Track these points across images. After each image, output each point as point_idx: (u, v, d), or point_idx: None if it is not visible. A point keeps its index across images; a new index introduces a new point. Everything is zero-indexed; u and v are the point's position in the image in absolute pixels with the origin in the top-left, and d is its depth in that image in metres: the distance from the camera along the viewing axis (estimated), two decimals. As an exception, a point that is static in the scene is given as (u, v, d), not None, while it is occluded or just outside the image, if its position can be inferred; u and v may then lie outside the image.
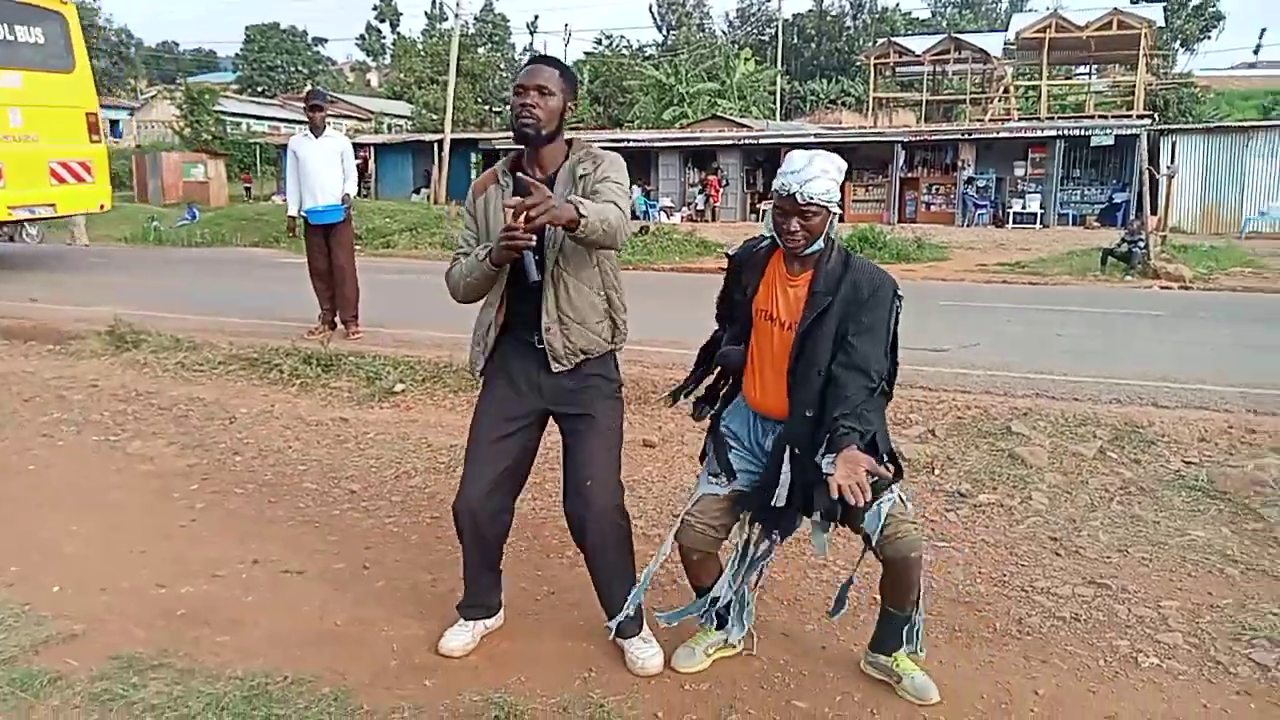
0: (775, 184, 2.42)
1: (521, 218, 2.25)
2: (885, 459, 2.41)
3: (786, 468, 2.46)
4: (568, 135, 2.61)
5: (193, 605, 3.10)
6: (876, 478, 2.28)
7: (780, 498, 2.45)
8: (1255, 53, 53.68)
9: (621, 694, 2.58)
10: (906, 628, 2.60)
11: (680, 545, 2.65)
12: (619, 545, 2.72)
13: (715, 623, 2.77)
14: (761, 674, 2.71)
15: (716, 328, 2.78)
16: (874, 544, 2.42)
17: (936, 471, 4.42)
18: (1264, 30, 63.39)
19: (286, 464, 4.66)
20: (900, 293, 2.47)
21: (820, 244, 2.44)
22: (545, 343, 2.55)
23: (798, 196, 2.35)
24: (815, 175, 2.34)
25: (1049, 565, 3.47)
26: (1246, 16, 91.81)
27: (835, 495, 2.20)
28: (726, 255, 2.72)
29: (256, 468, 4.61)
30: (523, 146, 2.56)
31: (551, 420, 2.74)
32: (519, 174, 2.55)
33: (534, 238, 2.31)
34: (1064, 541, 3.67)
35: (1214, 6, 49.98)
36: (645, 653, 2.73)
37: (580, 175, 2.52)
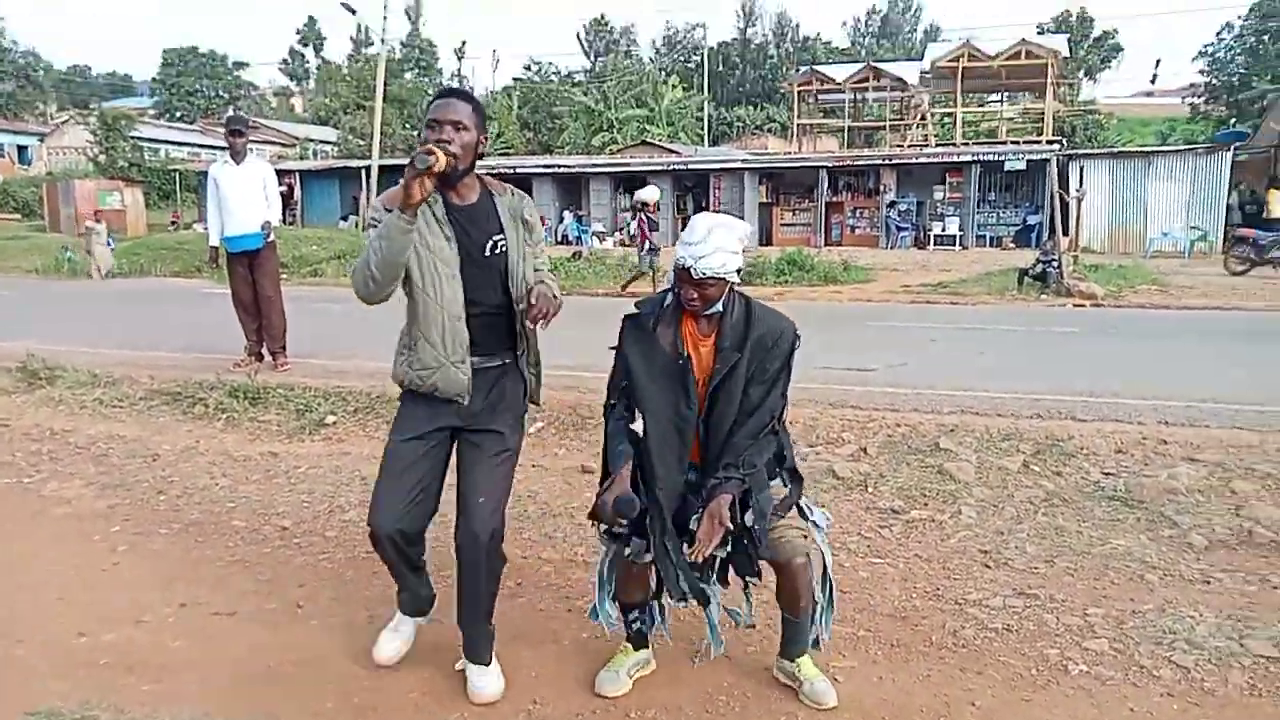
0: (676, 251, 2.49)
1: (432, 147, 2.38)
2: (784, 476, 2.64)
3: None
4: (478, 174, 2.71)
5: (117, 653, 2.97)
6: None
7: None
8: (1151, 81, 56.64)
9: (567, 725, 2.56)
10: (806, 634, 2.72)
11: (618, 562, 2.68)
12: (496, 571, 2.74)
13: (635, 644, 2.81)
14: (706, 697, 2.72)
15: (614, 414, 2.63)
16: (761, 547, 2.53)
17: (870, 489, 4.52)
18: (1159, 61, 67.09)
19: (214, 502, 4.51)
20: (799, 333, 2.61)
21: (719, 306, 2.54)
22: (529, 384, 2.76)
23: (693, 271, 2.43)
24: (710, 251, 2.41)
25: (980, 578, 3.57)
26: (1143, 47, 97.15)
27: (694, 555, 2.43)
28: (629, 318, 2.64)
29: (182, 506, 4.45)
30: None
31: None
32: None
33: (446, 162, 2.39)
34: (993, 554, 3.79)
35: (1114, 39, 52.69)
36: (482, 680, 2.73)
37: (526, 220, 2.69)
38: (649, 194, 12.19)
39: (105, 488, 4.71)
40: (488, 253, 2.60)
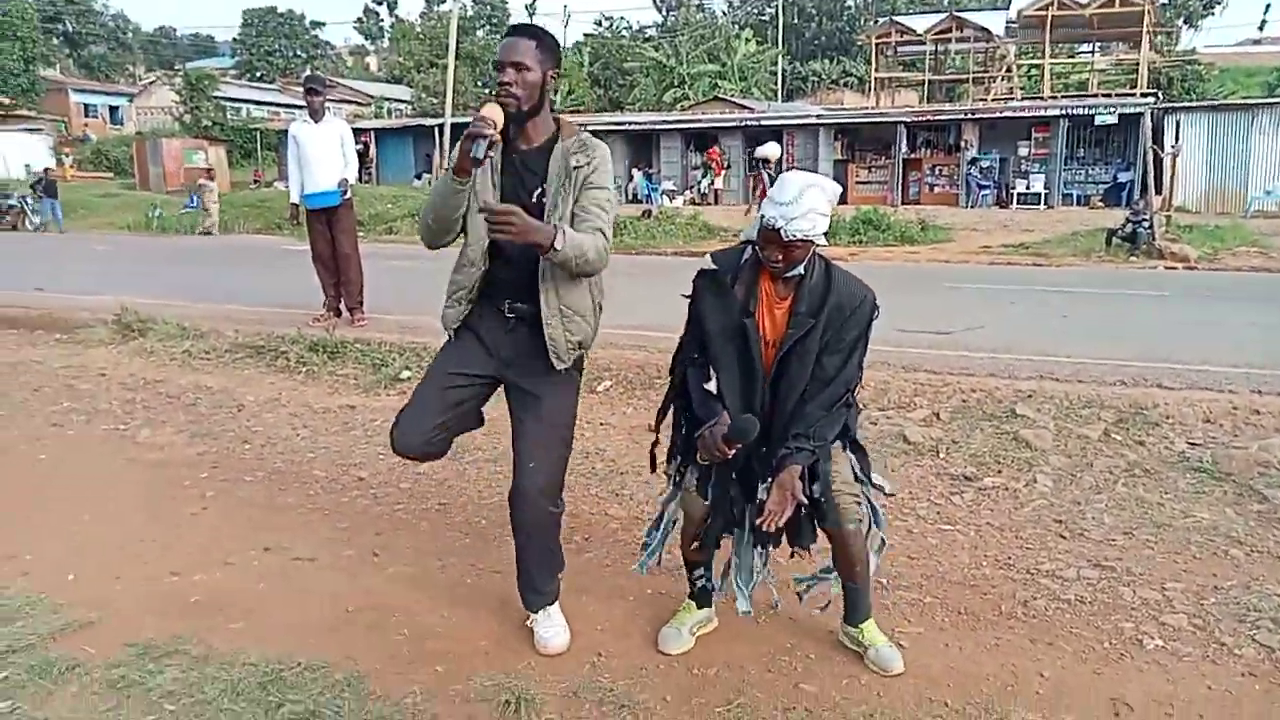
0: (764, 210, 2.38)
1: (488, 115, 2.35)
2: (848, 445, 2.63)
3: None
4: (556, 115, 2.61)
5: (206, 593, 3.13)
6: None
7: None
8: (1260, 29, 53.27)
9: (630, 679, 2.61)
10: (866, 599, 2.71)
11: (685, 513, 2.69)
12: (546, 532, 2.75)
13: (698, 601, 2.83)
14: (769, 658, 2.73)
15: (683, 366, 2.65)
16: (827, 518, 2.54)
17: (941, 455, 4.44)
18: (1269, 6, 62.61)
19: (295, 451, 4.69)
20: (878, 304, 2.54)
21: (800, 268, 2.46)
22: (547, 337, 2.56)
23: (783, 233, 2.34)
24: (802, 213, 2.32)
25: (1054, 548, 3.49)
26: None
27: (765, 524, 2.43)
28: (706, 271, 2.57)
29: (265, 455, 4.64)
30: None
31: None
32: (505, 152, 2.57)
33: (491, 144, 2.35)
34: (1069, 524, 3.69)
35: (1218, -18, 49.46)
36: (548, 631, 2.78)
37: (574, 167, 2.51)
38: (770, 150, 11.57)
39: (194, 436, 4.93)
40: (535, 199, 2.55)
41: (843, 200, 23.25)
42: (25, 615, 2.90)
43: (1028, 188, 21.82)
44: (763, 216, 2.39)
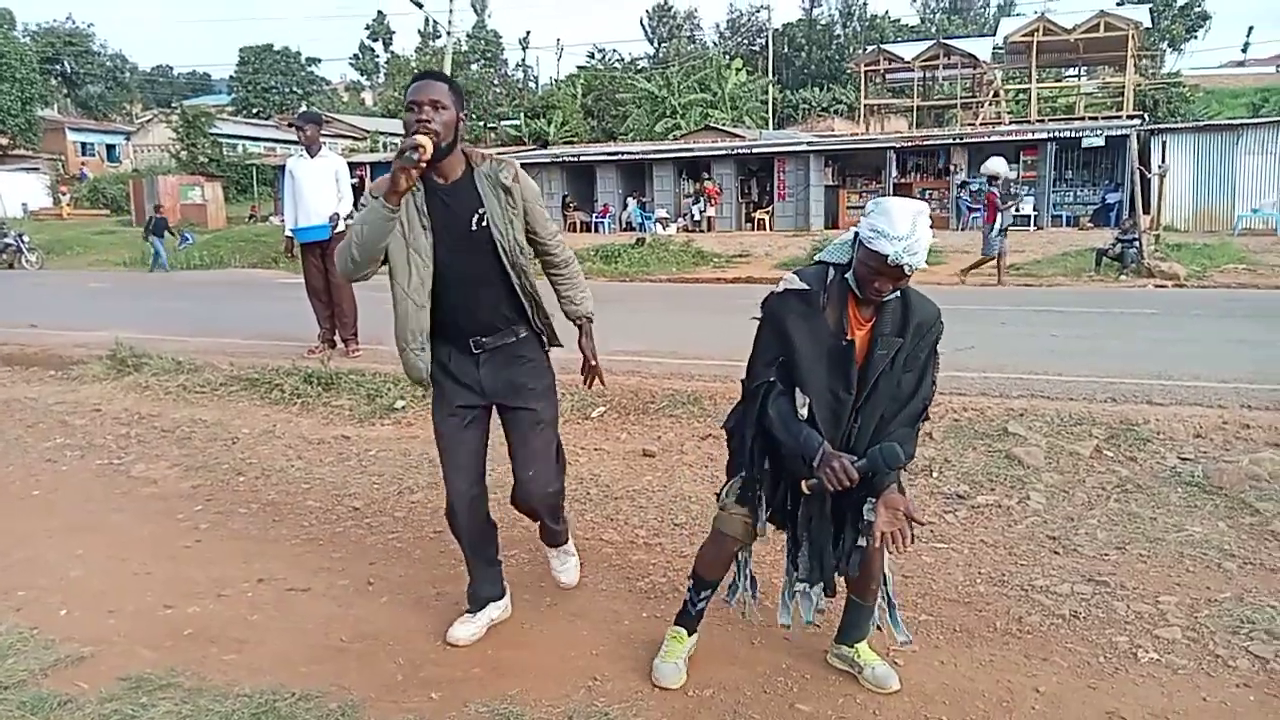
0: (876, 246, 2.24)
1: (419, 138, 2.43)
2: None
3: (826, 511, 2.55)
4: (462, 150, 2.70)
5: (199, 625, 3.12)
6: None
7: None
8: (1243, 51, 54.06)
9: (626, 702, 2.61)
10: (870, 619, 2.70)
11: (717, 532, 2.66)
12: (556, 512, 3.08)
13: (688, 629, 2.80)
14: (764, 678, 2.73)
15: (763, 392, 2.49)
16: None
17: (934, 474, 4.45)
18: (1251, 28, 63.88)
19: (289, 483, 4.69)
20: (942, 318, 2.52)
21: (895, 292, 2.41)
22: (540, 328, 2.83)
23: (905, 268, 2.25)
24: (922, 247, 2.24)
25: (1048, 564, 3.50)
26: (1233, 15, 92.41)
27: (878, 544, 2.36)
28: (794, 291, 2.44)
29: (260, 487, 4.64)
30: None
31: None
32: (432, 188, 2.65)
33: (425, 156, 2.43)
34: (1062, 540, 3.70)
35: (1200, 6, 50.29)
36: (564, 564, 3.27)
37: (506, 187, 2.65)
38: (997, 166, 10.04)
39: (189, 469, 4.93)
40: (474, 227, 2.63)
41: (834, 225, 23.32)
42: (18, 651, 2.89)
43: (1017, 210, 21.97)
44: (879, 253, 2.25)
